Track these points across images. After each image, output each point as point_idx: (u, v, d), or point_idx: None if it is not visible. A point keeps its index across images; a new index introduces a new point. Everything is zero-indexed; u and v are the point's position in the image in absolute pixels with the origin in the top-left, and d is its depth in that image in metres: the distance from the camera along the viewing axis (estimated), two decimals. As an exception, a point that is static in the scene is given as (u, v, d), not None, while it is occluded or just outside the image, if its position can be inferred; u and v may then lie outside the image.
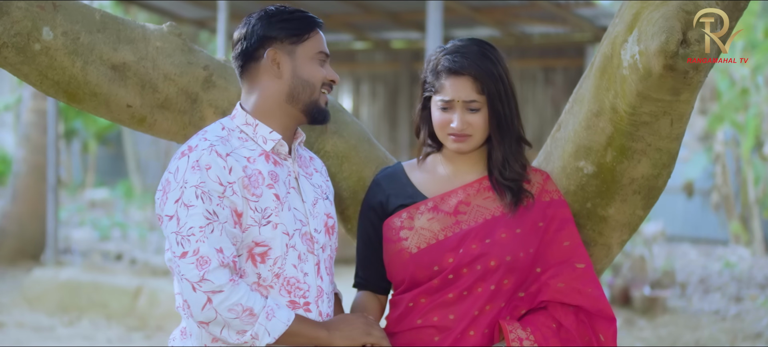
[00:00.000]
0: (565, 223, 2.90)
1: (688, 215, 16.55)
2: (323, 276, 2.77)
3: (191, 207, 2.55)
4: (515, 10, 10.52)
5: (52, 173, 11.31)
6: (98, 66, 2.97)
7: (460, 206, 2.87)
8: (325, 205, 2.84)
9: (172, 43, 3.09)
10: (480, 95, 2.81)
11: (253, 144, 2.70)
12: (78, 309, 9.94)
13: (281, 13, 2.75)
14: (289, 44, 2.72)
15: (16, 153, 13.54)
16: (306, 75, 2.72)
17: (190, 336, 2.70)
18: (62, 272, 10.64)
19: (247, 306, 2.55)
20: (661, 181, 3.02)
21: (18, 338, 8.92)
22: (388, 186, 2.96)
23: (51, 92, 3.00)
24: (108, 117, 3.11)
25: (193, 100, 3.09)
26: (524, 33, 11.72)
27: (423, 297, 2.85)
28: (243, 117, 2.73)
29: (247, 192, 2.61)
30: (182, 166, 2.60)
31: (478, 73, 2.80)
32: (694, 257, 14.03)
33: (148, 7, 12.52)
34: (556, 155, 3.10)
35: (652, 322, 9.79)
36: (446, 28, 11.76)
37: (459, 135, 2.83)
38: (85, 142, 22.51)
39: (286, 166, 2.74)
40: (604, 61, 2.86)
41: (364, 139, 3.28)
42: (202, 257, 2.53)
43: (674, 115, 2.81)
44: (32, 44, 2.89)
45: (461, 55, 2.82)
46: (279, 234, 2.64)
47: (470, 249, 2.81)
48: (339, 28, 12.27)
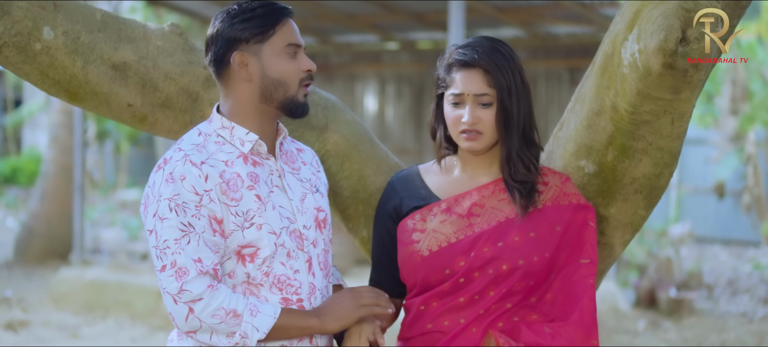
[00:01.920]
0: (585, 226, 2.85)
1: (719, 217, 16.43)
2: (315, 272, 2.74)
3: (165, 220, 2.53)
4: (540, 10, 10.46)
5: (78, 173, 11.40)
6: (99, 65, 2.99)
7: (474, 209, 2.82)
8: (314, 199, 2.79)
9: (173, 42, 3.10)
10: (491, 88, 2.76)
11: (230, 147, 2.66)
12: (103, 308, 10.02)
13: (243, 11, 2.65)
14: (254, 44, 2.64)
15: (45, 154, 13.67)
16: (276, 73, 2.65)
17: (187, 338, 2.68)
18: (88, 271, 10.73)
19: (229, 309, 2.54)
20: (663, 180, 2.99)
21: (43, 337, 9.00)
22: (402, 189, 2.93)
23: (52, 91, 3.02)
24: (109, 116, 3.13)
25: (194, 99, 3.10)
26: (550, 33, 11.67)
27: (434, 301, 2.81)
28: (219, 121, 2.69)
29: (226, 197, 2.58)
30: (158, 180, 2.58)
31: (488, 66, 2.75)
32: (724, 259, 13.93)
33: (176, 8, 12.58)
34: (558, 154, 3.08)
35: (677, 324, 9.73)
36: (471, 28, 11.74)
37: (470, 132, 2.78)
38: (118, 143, 22.71)
39: (267, 165, 2.70)
40: (605, 60, 2.84)
41: (365, 138, 3.28)
42: (180, 269, 2.52)
43: (675, 114, 2.78)
44: (33, 44, 2.90)
45: (472, 48, 2.79)
46: (265, 234, 2.61)
47: (482, 252, 2.76)
48: (364, 29, 12.28)
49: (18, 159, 24.09)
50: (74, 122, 11.76)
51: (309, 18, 11.82)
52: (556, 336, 2.71)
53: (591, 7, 9.99)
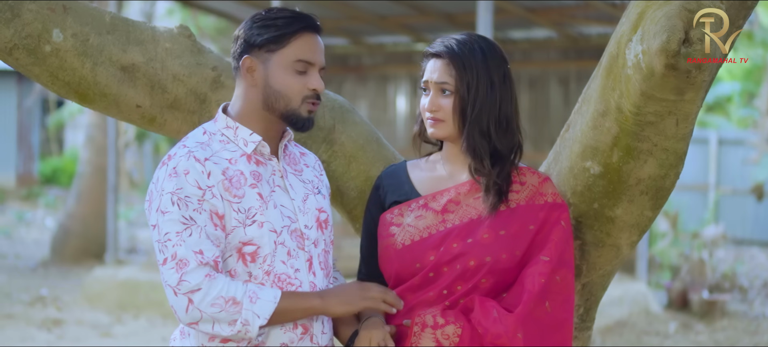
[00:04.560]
0: (555, 225, 2.84)
1: (758, 219, 16.27)
2: (316, 271, 2.77)
3: (167, 213, 2.57)
4: (571, 10, 10.43)
5: (111, 174, 11.52)
6: (107, 67, 3.02)
7: (449, 205, 2.86)
8: (316, 200, 2.83)
9: (181, 44, 3.13)
10: (451, 78, 2.82)
11: (234, 146, 2.70)
12: (136, 307, 10.12)
13: (265, 17, 2.70)
14: (265, 52, 2.68)
15: (81, 154, 13.82)
16: (278, 85, 2.68)
17: (188, 336, 2.72)
18: (121, 271, 10.85)
19: (228, 297, 2.56)
20: (669, 182, 2.98)
21: (76, 335, 9.12)
22: (388, 184, 2.98)
23: (62, 92, 3.06)
24: (119, 117, 3.17)
25: (202, 100, 3.13)
26: (582, 34, 11.61)
27: (407, 295, 2.85)
28: (224, 121, 2.74)
29: (229, 194, 2.62)
30: (161, 175, 2.63)
31: (452, 57, 2.82)
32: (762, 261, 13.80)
33: (211, 9, 12.68)
34: (564, 155, 3.08)
35: (710, 326, 9.66)
36: (503, 29, 11.73)
37: (432, 118, 2.85)
38: (157, 144, 22.91)
39: (270, 165, 2.74)
40: (610, 61, 2.83)
41: (372, 139, 3.29)
42: (180, 261, 2.55)
43: (679, 115, 2.77)
44: (43, 46, 2.94)
45: (443, 41, 2.87)
46: (266, 232, 2.64)
47: (451, 248, 2.80)
48: (396, 30, 12.30)
49: (59, 159, 24.38)
50: (108, 123, 11.88)
51: (342, 19, 11.87)
52: (497, 322, 2.71)
53: (621, 7, 9.93)
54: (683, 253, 11.31)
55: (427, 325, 2.74)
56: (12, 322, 9.55)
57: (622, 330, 9.42)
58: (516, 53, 12.41)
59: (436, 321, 2.74)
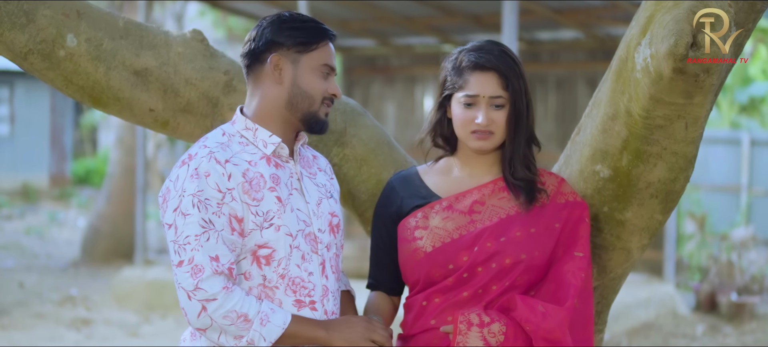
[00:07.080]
0: (581, 222, 2.90)
1: (792, 221, 16.09)
2: (328, 274, 2.80)
3: (188, 216, 2.59)
4: (597, 11, 10.39)
5: (140, 174, 11.60)
6: (121, 71, 3.06)
7: (475, 206, 2.88)
8: (329, 204, 2.85)
9: (193, 48, 3.16)
10: (504, 91, 2.84)
11: (253, 148, 2.72)
12: (163, 307, 10.19)
13: (293, 19, 2.76)
14: (295, 53, 2.73)
15: (111, 155, 13.93)
16: (306, 86, 2.73)
17: (199, 337, 2.74)
18: (149, 271, 10.93)
19: (241, 313, 2.59)
20: (679, 185, 2.98)
21: (105, 335, 9.21)
22: (402, 189, 2.98)
23: (76, 96, 3.11)
24: (132, 120, 3.21)
25: (214, 104, 3.16)
26: (609, 35, 11.56)
27: (437, 297, 2.86)
28: (243, 122, 2.76)
29: (248, 197, 2.64)
30: (182, 174, 2.64)
31: (503, 69, 2.83)
32: (793, 264, 13.64)
33: (239, 10, 12.74)
34: (575, 159, 3.09)
35: (738, 329, 9.59)
36: (529, 30, 11.70)
37: (483, 132, 2.85)
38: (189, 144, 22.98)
39: (288, 168, 2.77)
40: (619, 65, 2.84)
41: (383, 142, 3.31)
42: (196, 266, 2.58)
43: (688, 118, 2.77)
44: (57, 51, 2.99)
45: (486, 51, 2.86)
46: (282, 236, 2.67)
47: (485, 247, 2.81)
48: (423, 32, 12.30)
49: (93, 160, 24.57)
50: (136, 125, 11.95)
51: (369, 20, 11.89)
52: (546, 317, 2.74)
53: (649, 8, 9.87)
54: (712, 255, 11.23)
55: (473, 323, 2.75)
56: (42, 321, 9.66)
57: (649, 333, 9.38)
58: (543, 54, 12.39)
59: (481, 320, 2.76)
